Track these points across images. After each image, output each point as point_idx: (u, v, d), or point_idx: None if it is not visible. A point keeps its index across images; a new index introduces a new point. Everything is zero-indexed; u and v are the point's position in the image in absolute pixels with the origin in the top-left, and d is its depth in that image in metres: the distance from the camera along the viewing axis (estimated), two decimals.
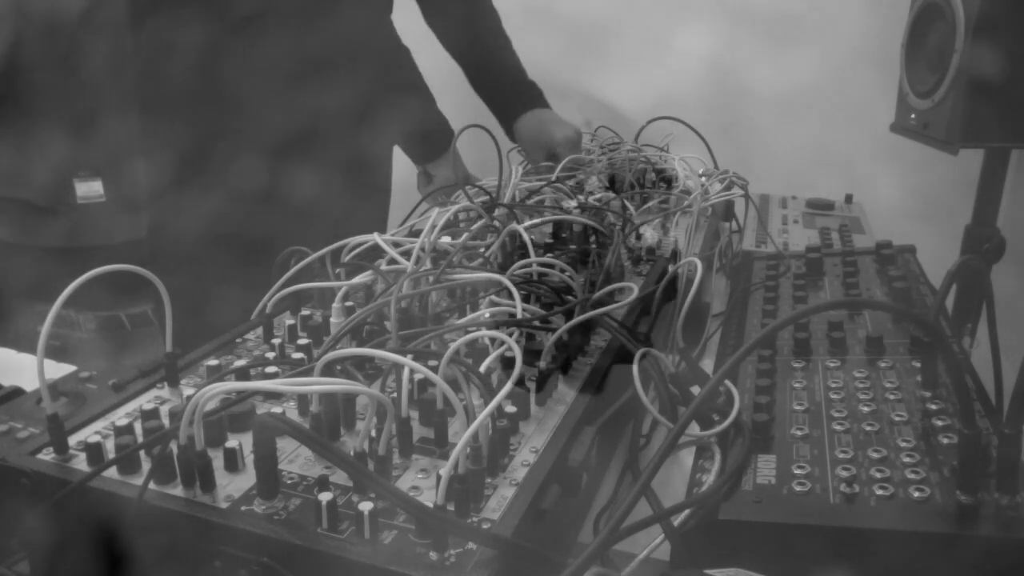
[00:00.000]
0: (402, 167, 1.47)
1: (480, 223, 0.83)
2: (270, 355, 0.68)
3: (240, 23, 1.06)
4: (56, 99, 1.09)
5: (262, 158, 1.10)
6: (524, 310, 0.65)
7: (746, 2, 1.74)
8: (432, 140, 1.40)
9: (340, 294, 0.72)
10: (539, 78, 1.46)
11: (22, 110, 1.07)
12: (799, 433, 0.62)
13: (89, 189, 1.30)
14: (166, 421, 0.57)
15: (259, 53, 1.08)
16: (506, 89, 1.43)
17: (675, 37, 1.77)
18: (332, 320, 0.71)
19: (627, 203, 1.02)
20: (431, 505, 0.46)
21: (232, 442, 0.53)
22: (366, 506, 0.46)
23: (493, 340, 0.63)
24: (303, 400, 0.60)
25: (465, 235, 0.80)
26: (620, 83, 1.83)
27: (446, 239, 0.80)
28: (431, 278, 0.72)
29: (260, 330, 0.74)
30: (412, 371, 0.54)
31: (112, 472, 0.52)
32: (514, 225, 0.82)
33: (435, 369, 0.52)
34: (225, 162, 1.11)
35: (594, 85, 1.85)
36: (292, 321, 0.72)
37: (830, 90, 1.73)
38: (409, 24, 1.41)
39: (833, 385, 0.69)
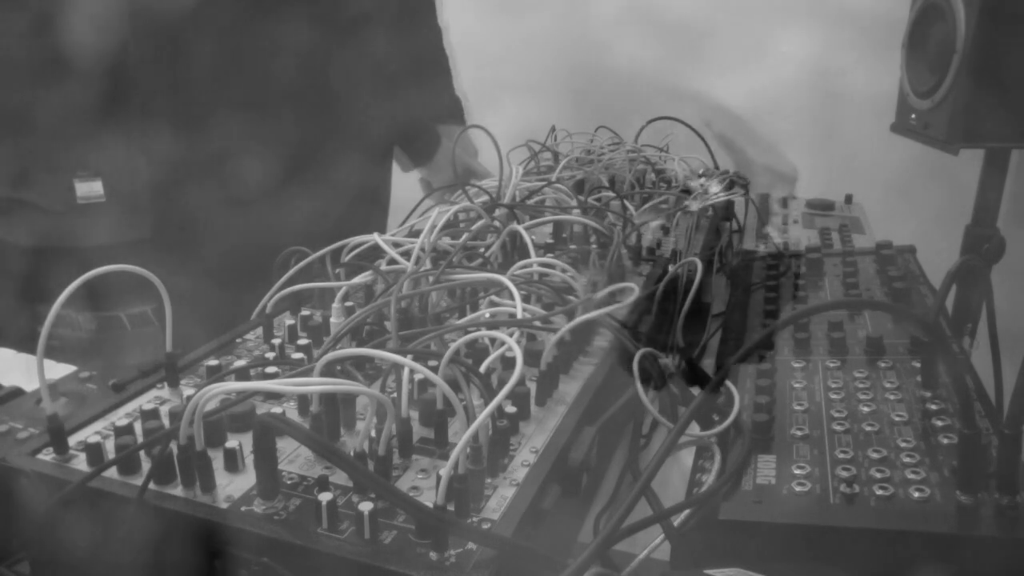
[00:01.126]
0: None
1: (480, 223, 0.83)
2: (270, 355, 0.68)
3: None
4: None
5: (265, 158, 1.11)
6: (524, 310, 0.65)
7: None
8: (418, 147, 1.40)
9: (340, 294, 0.72)
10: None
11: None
12: (799, 433, 0.62)
13: (89, 189, 1.30)
14: (166, 421, 0.57)
15: (287, 57, 1.09)
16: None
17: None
18: (332, 320, 0.71)
19: (627, 203, 1.02)
20: (431, 505, 0.46)
21: (232, 442, 0.53)
22: (366, 506, 0.46)
23: (493, 340, 0.63)
24: (303, 400, 0.60)
25: (465, 235, 0.80)
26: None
27: (446, 239, 0.80)
28: (431, 278, 0.73)
29: (260, 330, 0.74)
30: (412, 371, 0.54)
31: (112, 472, 0.52)
32: (514, 225, 0.82)
33: (435, 369, 0.52)
34: (228, 163, 1.11)
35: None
36: (292, 321, 0.72)
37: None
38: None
39: (833, 385, 0.69)
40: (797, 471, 0.57)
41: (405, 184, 1.46)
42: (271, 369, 0.63)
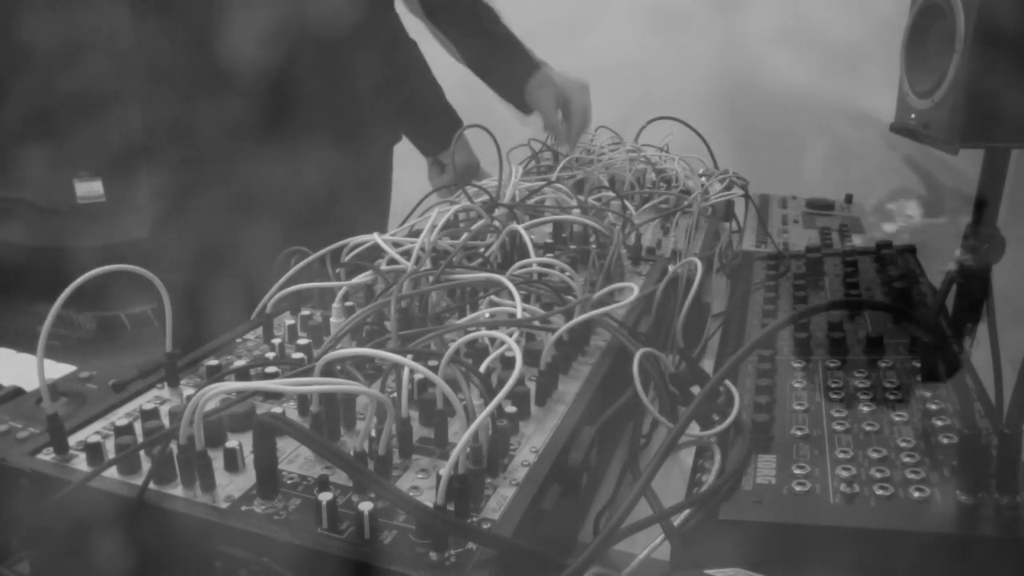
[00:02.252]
0: (402, 166, 1.47)
1: (480, 223, 0.83)
2: (270, 355, 0.68)
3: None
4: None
5: (264, 156, 1.11)
6: (524, 310, 0.65)
7: None
8: (442, 130, 1.40)
9: (340, 294, 0.72)
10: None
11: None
12: (799, 433, 0.62)
13: (88, 189, 1.30)
14: (166, 421, 0.57)
15: (276, 50, 1.09)
16: (511, 57, 1.43)
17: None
18: (332, 320, 0.71)
19: (627, 203, 1.02)
20: (431, 505, 0.46)
21: (232, 442, 0.53)
22: (366, 506, 0.46)
23: (493, 340, 0.63)
24: (303, 400, 0.60)
25: (465, 235, 0.80)
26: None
27: (446, 239, 0.80)
28: (431, 278, 0.73)
29: (260, 330, 0.74)
30: (412, 371, 0.54)
31: (112, 472, 0.52)
32: (514, 225, 0.82)
33: (435, 369, 0.52)
34: (227, 161, 1.11)
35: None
36: (292, 321, 0.72)
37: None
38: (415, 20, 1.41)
39: (833, 385, 0.69)
40: (797, 471, 0.57)
41: (407, 184, 1.46)
42: (271, 369, 0.63)
